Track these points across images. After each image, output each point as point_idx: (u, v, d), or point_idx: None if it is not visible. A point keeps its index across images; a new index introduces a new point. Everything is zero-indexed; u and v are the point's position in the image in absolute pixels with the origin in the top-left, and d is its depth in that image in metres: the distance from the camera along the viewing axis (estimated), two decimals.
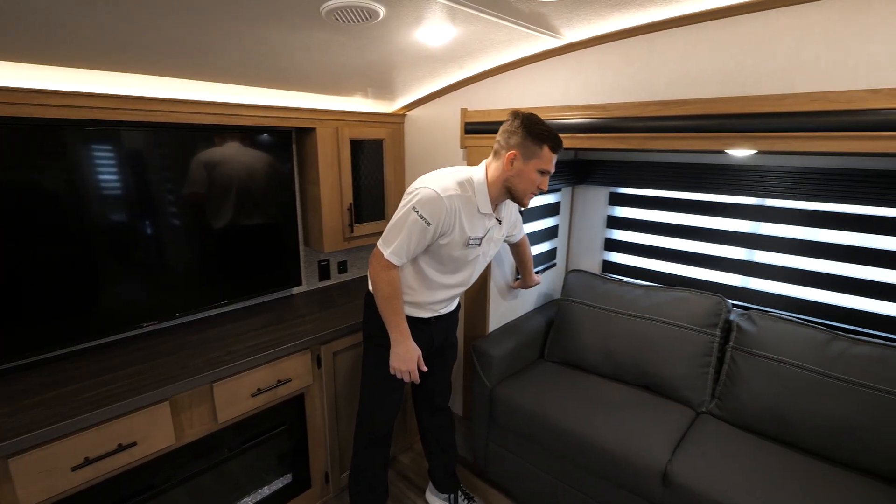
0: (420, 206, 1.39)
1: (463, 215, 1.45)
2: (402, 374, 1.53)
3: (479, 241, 1.53)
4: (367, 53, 1.60)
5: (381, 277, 1.47)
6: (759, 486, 1.39)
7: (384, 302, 1.49)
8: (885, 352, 1.49)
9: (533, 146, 1.41)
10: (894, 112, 1.10)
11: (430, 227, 1.40)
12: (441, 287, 1.58)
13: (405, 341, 1.51)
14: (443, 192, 1.40)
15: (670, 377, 1.85)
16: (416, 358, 1.53)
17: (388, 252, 1.44)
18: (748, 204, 1.97)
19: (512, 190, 1.48)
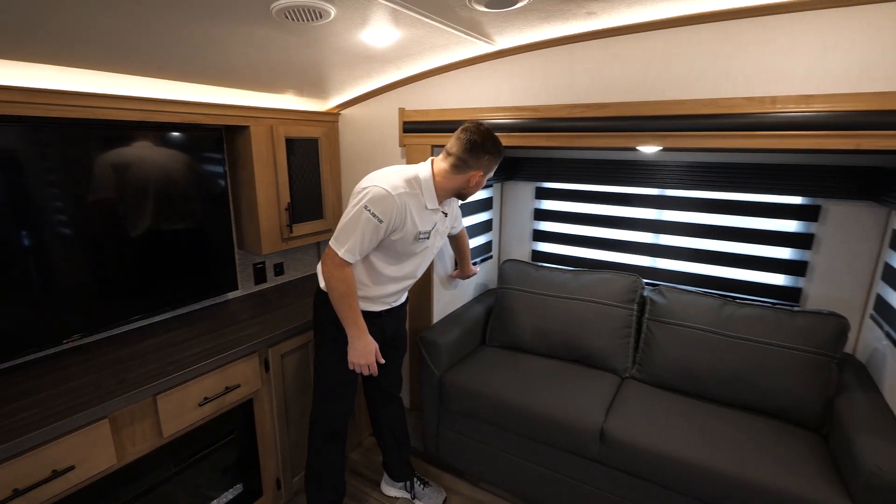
0: (372, 205, 1.43)
1: (413, 211, 1.51)
2: (360, 367, 1.57)
3: (428, 234, 1.60)
4: (309, 52, 1.60)
5: (335, 276, 1.49)
6: (677, 432, 1.64)
7: (340, 299, 1.51)
8: (763, 312, 1.82)
9: (493, 164, 1.55)
10: (764, 115, 1.36)
11: (383, 225, 1.45)
12: (392, 280, 1.64)
13: (363, 336, 1.55)
14: (393, 190, 1.45)
15: (598, 349, 2.07)
16: (375, 351, 1.58)
17: (342, 251, 1.47)
18: (653, 194, 2.26)
19: (463, 195, 1.62)
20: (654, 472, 1.60)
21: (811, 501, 1.37)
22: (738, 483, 1.46)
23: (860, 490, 1.33)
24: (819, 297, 1.96)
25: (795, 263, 2.01)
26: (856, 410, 1.54)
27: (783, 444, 1.59)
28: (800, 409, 1.68)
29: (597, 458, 1.72)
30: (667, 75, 1.53)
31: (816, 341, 1.70)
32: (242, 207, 2.09)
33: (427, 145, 2.04)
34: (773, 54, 1.36)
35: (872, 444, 1.37)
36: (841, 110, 1.27)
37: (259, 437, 1.82)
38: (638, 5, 1.37)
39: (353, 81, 2.03)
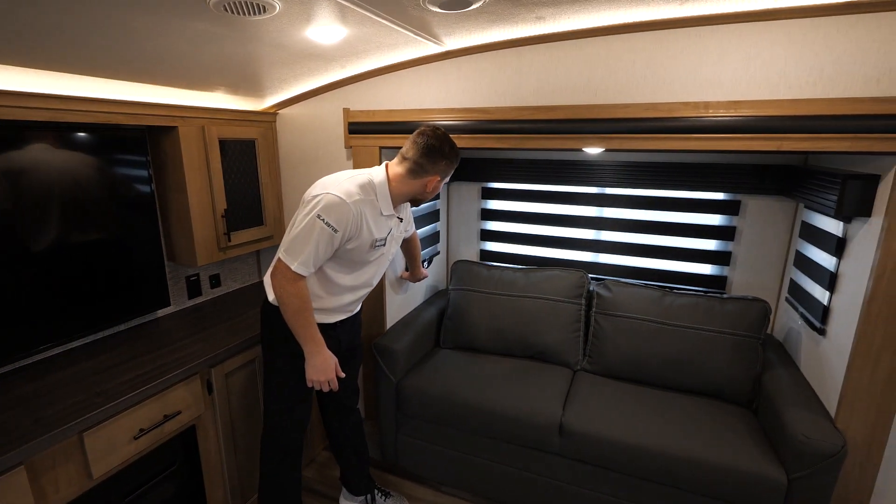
0: (325, 213, 1.35)
1: (368, 218, 1.44)
2: (321, 384, 1.48)
3: (384, 241, 1.55)
4: (248, 48, 1.49)
5: (287, 291, 1.40)
6: (628, 419, 1.72)
7: (295, 315, 1.41)
8: (697, 300, 1.96)
9: (450, 168, 1.52)
10: (699, 119, 1.46)
11: (338, 234, 1.37)
12: (348, 290, 1.57)
13: (321, 351, 1.46)
14: (347, 197, 1.37)
15: (550, 344, 2.13)
16: (335, 366, 1.50)
17: (295, 264, 1.37)
18: (593, 193, 2.36)
19: (419, 201, 1.58)
20: (611, 458, 1.67)
21: (749, 471, 1.50)
22: (684, 460, 1.57)
23: (791, 458, 1.47)
24: (742, 284, 2.16)
25: (721, 254, 2.19)
26: (780, 385, 1.71)
27: (721, 421, 1.72)
28: (732, 388, 1.84)
29: (557, 451, 1.76)
30: (609, 80, 1.60)
31: (744, 324, 1.86)
32: (172, 215, 1.90)
33: (375, 147, 1.98)
34: (704, 63, 1.46)
35: (798, 416, 1.53)
36: (764, 115, 1.39)
37: (204, 466, 1.68)
38: (584, 12, 1.42)
39: (292, 80, 1.92)
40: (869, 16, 1.28)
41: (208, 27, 1.28)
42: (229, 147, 1.99)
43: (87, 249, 1.63)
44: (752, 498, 1.50)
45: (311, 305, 1.44)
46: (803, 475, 1.44)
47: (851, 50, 1.31)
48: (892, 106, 1.26)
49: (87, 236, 1.62)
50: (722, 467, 1.53)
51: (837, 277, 1.59)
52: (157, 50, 1.40)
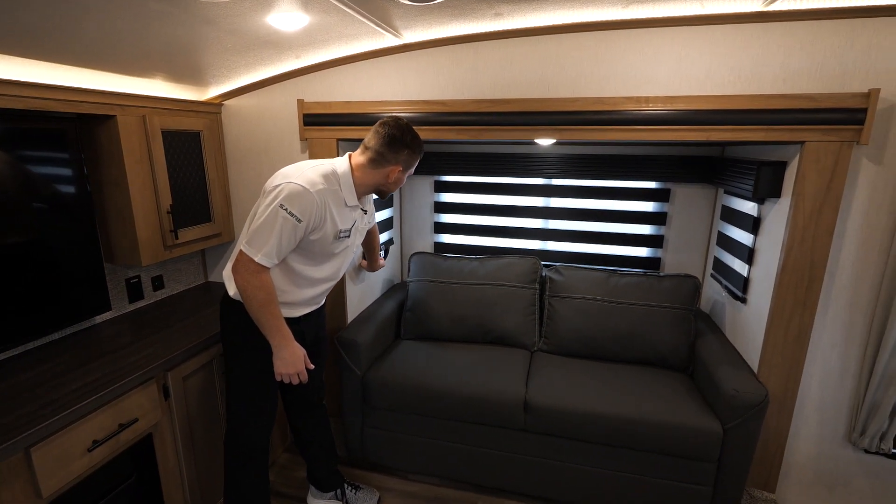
0: (288, 203, 1.32)
1: (332, 208, 1.42)
2: (290, 377, 1.46)
3: (349, 232, 1.54)
4: (198, 31, 1.42)
5: (252, 284, 1.36)
6: (585, 391, 1.86)
7: (261, 309, 1.38)
8: (639, 279, 2.15)
9: (413, 159, 1.52)
10: (640, 112, 1.62)
11: (302, 224, 1.35)
12: (312, 283, 1.55)
13: (289, 344, 1.44)
14: (311, 186, 1.35)
15: (509, 328, 2.24)
16: (303, 358, 1.48)
17: (258, 256, 1.33)
18: (541, 184, 2.50)
19: (382, 192, 1.57)
20: (572, 428, 1.80)
21: (692, 426, 1.69)
22: (637, 423, 1.73)
23: (724, 410, 1.68)
24: (673, 264, 2.39)
25: (655, 237, 2.41)
26: (710, 350, 1.93)
27: (664, 385, 1.91)
28: (672, 356, 2.04)
29: (523, 427, 1.86)
30: (560, 76, 1.71)
31: (678, 299, 2.07)
32: (110, 213, 1.76)
33: (332, 139, 1.96)
34: (644, 61, 1.62)
35: (728, 374, 1.74)
36: (695, 109, 1.57)
37: (162, 475, 1.58)
38: (539, 10, 1.51)
39: (242, 69, 1.85)
40: (777, 24, 1.50)
41: (159, 6, 1.22)
42: (173, 139, 1.88)
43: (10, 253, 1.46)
44: (696, 448, 1.69)
45: (275, 298, 1.40)
46: (736, 424, 1.65)
47: (763, 53, 1.52)
48: (794, 102, 1.48)
49: (7, 238, 1.44)
50: (669, 425, 1.70)
51: (755, 252, 1.83)
52: (96, 29, 1.29)
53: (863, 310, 1.65)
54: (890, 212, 1.56)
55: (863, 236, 1.60)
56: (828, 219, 1.54)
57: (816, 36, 1.48)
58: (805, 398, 1.78)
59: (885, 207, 1.56)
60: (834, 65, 1.48)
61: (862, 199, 1.57)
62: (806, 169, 1.53)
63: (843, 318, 1.68)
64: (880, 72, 1.46)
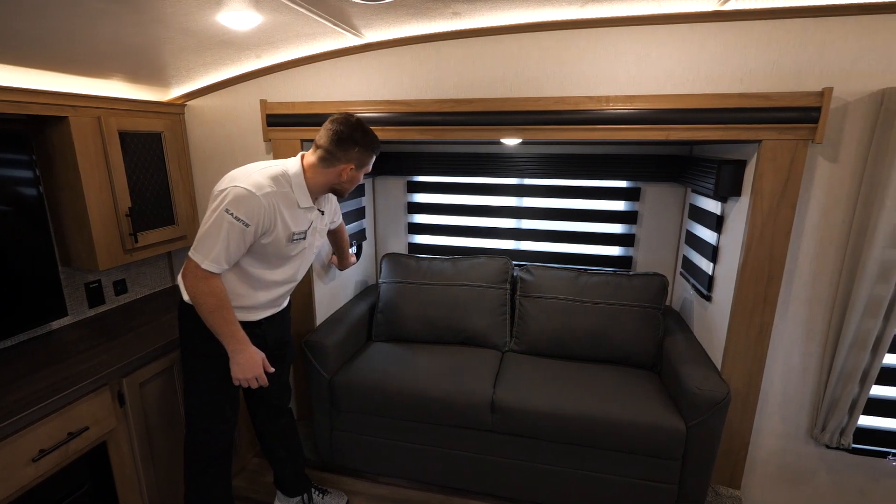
0: (234, 207, 1.29)
1: (284, 211, 1.39)
2: (248, 382, 1.43)
3: (304, 234, 1.50)
4: (150, 30, 1.39)
5: (200, 290, 1.33)
6: (552, 391, 1.86)
7: (212, 314, 1.35)
8: (608, 278, 2.16)
9: (366, 157, 1.48)
10: (601, 111, 1.62)
11: (250, 228, 1.32)
12: (270, 286, 1.52)
13: (245, 348, 1.41)
14: (257, 189, 1.32)
15: (479, 329, 2.23)
16: (261, 361, 1.45)
17: (206, 262, 1.31)
18: (513, 183, 2.50)
19: (338, 191, 1.54)
20: (539, 428, 1.79)
21: (655, 424, 1.69)
22: (602, 422, 1.73)
23: (686, 408, 1.68)
24: (645, 262, 2.40)
25: (626, 236, 2.42)
26: (677, 348, 1.94)
27: (631, 384, 1.91)
28: (640, 354, 2.05)
29: (490, 427, 1.85)
30: (522, 76, 1.71)
31: (647, 297, 2.08)
32: (65, 216, 1.72)
33: (296, 139, 1.93)
34: (604, 61, 1.62)
35: (692, 372, 1.74)
36: (655, 108, 1.57)
37: (118, 484, 1.54)
38: (497, 10, 1.50)
39: (201, 69, 1.82)
40: (732, 23, 1.50)
41: (104, 5, 1.19)
42: (132, 140, 1.84)
43: None
44: (660, 446, 1.70)
45: (228, 303, 1.38)
46: (698, 421, 1.66)
47: (721, 53, 1.53)
48: (751, 101, 1.49)
49: None
50: (633, 424, 1.71)
51: (719, 250, 1.84)
52: (43, 28, 1.26)
53: (822, 307, 1.67)
54: (846, 209, 1.57)
55: (820, 234, 1.61)
56: (785, 217, 1.55)
57: (771, 35, 1.49)
58: (768, 395, 1.79)
59: (841, 205, 1.58)
60: (789, 64, 1.49)
61: (819, 197, 1.59)
62: (763, 167, 1.54)
63: (803, 315, 1.69)
64: (834, 71, 1.47)
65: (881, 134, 1.46)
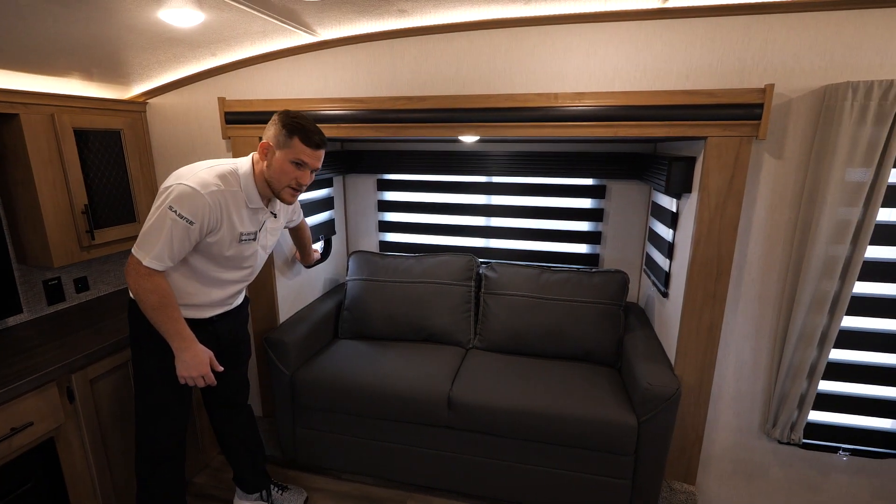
0: (177, 205, 1.28)
1: (231, 210, 1.39)
2: (193, 380, 1.43)
3: (254, 235, 1.49)
4: (91, 28, 1.39)
5: (143, 287, 1.32)
6: (509, 387, 1.86)
7: (154, 312, 1.35)
8: (569, 275, 2.16)
9: (286, 137, 1.38)
10: (550, 108, 1.62)
11: (194, 226, 1.31)
12: (221, 283, 1.52)
13: (190, 346, 1.41)
14: (202, 188, 1.31)
15: (442, 326, 2.24)
16: (208, 360, 1.45)
17: (147, 259, 1.30)
18: (482, 181, 2.50)
19: (270, 184, 1.44)
20: (494, 425, 1.80)
21: (608, 420, 1.70)
22: (556, 418, 1.74)
23: (638, 403, 1.69)
24: (611, 260, 2.41)
25: (593, 234, 2.42)
26: (636, 345, 1.95)
27: (590, 381, 1.92)
28: (600, 351, 2.06)
29: (446, 423, 1.86)
30: (475, 73, 1.71)
31: (608, 294, 2.09)
32: (19, 214, 1.72)
33: (255, 137, 1.93)
34: (553, 58, 1.63)
35: (646, 368, 1.75)
36: (603, 105, 1.58)
37: (69, 481, 1.55)
38: (443, 7, 1.51)
39: (156, 66, 1.82)
40: (677, 21, 1.51)
41: (38, 2, 1.19)
42: (91, 138, 1.84)
43: None
44: (613, 442, 1.70)
45: (173, 300, 1.37)
46: (649, 417, 1.66)
47: (666, 50, 1.54)
48: (695, 98, 1.50)
49: None
50: (586, 420, 1.72)
51: (674, 246, 1.85)
52: None
53: (771, 303, 1.68)
54: (792, 206, 1.58)
55: (767, 231, 1.62)
56: (732, 213, 1.56)
57: (715, 32, 1.49)
58: (721, 390, 1.80)
59: (787, 201, 1.59)
60: (733, 61, 1.50)
61: (765, 193, 1.60)
62: (709, 164, 1.55)
63: (753, 311, 1.71)
64: (777, 67, 1.48)
65: (823, 130, 1.47)
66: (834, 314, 1.55)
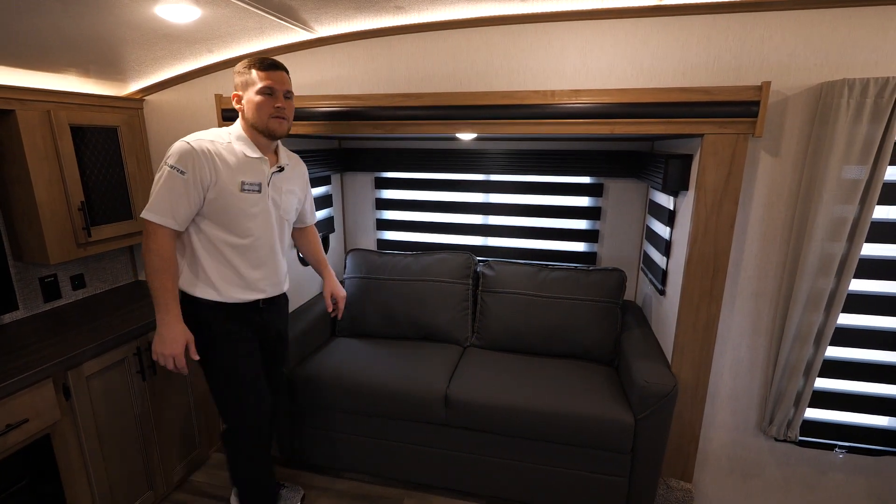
0: (171, 159, 1.35)
1: (227, 159, 1.41)
2: (164, 359, 1.39)
3: (258, 186, 1.46)
4: (87, 24, 1.39)
5: (148, 248, 1.36)
6: (506, 385, 1.86)
7: (153, 275, 1.36)
8: (567, 273, 2.17)
9: (245, 76, 1.43)
10: (547, 106, 1.62)
11: (187, 176, 1.34)
12: (244, 253, 1.49)
13: (172, 323, 1.39)
14: (195, 143, 1.38)
15: (440, 324, 2.24)
16: (184, 342, 1.40)
17: (148, 213, 1.34)
18: (479, 180, 2.50)
19: (254, 125, 1.45)
20: (492, 423, 1.80)
21: (605, 418, 1.70)
22: (553, 416, 1.74)
23: (635, 401, 1.69)
24: (609, 258, 2.41)
25: (590, 232, 2.43)
26: (633, 343, 1.95)
27: (586, 379, 1.92)
28: (597, 349, 2.06)
29: (444, 421, 1.86)
30: (472, 70, 1.71)
31: (605, 292, 2.09)
32: (15, 210, 1.72)
33: None
34: (550, 55, 1.63)
35: (643, 366, 1.75)
36: (599, 102, 1.58)
37: (64, 476, 1.54)
38: (440, 5, 1.51)
39: (153, 62, 1.82)
40: (674, 18, 1.51)
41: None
42: (87, 135, 1.84)
43: None
44: (610, 440, 1.71)
45: (173, 268, 1.39)
46: (646, 414, 1.66)
47: (662, 48, 1.54)
48: (692, 95, 1.49)
49: None
50: (583, 417, 1.72)
51: (671, 244, 1.86)
52: None
53: (768, 301, 1.68)
54: (788, 203, 1.59)
55: (764, 228, 1.63)
56: (728, 211, 1.56)
57: (711, 30, 1.50)
58: (718, 388, 1.80)
59: (783, 199, 1.59)
60: (729, 58, 1.50)
61: (762, 191, 1.60)
62: (706, 161, 1.55)
63: (749, 309, 1.71)
64: (773, 65, 1.48)
65: (819, 128, 1.47)
66: (830, 311, 1.56)
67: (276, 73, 1.43)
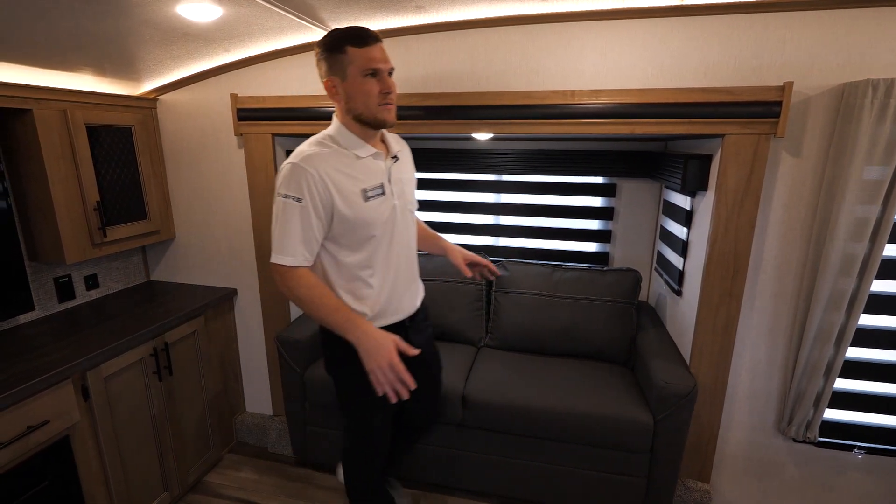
0: (283, 188, 1.18)
1: (340, 169, 1.22)
2: (384, 371, 1.17)
3: (381, 188, 1.28)
4: (108, 23, 1.38)
5: (291, 287, 1.20)
6: (522, 386, 1.86)
7: (315, 308, 1.20)
8: (581, 273, 2.16)
9: (338, 58, 1.19)
10: (567, 106, 1.62)
11: (305, 203, 1.17)
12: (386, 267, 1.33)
13: (368, 332, 1.18)
14: (298, 158, 1.19)
15: (454, 324, 2.23)
16: (393, 344, 1.19)
17: (279, 257, 1.19)
18: (491, 180, 2.50)
19: (360, 116, 1.23)
20: (509, 423, 1.79)
21: (623, 418, 1.70)
22: (571, 416, 1.73)
23: (654, 402, 1.69)
24: (621, 258, 2.41)
25: (603, 232, 2.42)
26: (649, 343, 1.95)
27: (602, 379, 1.92)
28: (612, 349, 2.05)
29: (461, 422, 1.85)
30: (490, 70, 1.71)
31: (620, 292, 2.09)
32: (32, 210, 1.71)
33: (267, 134, 1.93)
34: (569, 55, 1.62)
35: (661, 366, 1.75)
36: (620, 102, 1.58)
37: (83, 477, 1.54)
38: (461, 4, 1.50)
39: (170, 62, 1.81)
40: (694, 18, 1.51)
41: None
42: (102, 134, 1.83)
43: None
44: (628, 440, 1.70)
45: (324, 290, 1.22)
46: (666, 415, 1.66)
47: (682, 47, 1.54)
48: (714, 95, 1.49)
49: None
50: (602, 418, 1.71)
51: (688, 245, 1.85)
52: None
53: (787, 301, 1.68)
54: (809, 204, 1.58)
55: (784, 228, 1.62)
56: (749, 211, 1.56)
57: (733, 30, 1.49)
58: (736, 388, 1.80)
59: (804, 199, 1.58)
60: (750, 58, 1.50)
61: (782, 191, 1.60)
62: (726, 162, 1.54)
63: (769, 310, 1.70)
64: (795, 65, 1.48)
65: (842, 128, 1.46)
66: (851, 312, 1.55)
67: (377, 48, 1.19)
